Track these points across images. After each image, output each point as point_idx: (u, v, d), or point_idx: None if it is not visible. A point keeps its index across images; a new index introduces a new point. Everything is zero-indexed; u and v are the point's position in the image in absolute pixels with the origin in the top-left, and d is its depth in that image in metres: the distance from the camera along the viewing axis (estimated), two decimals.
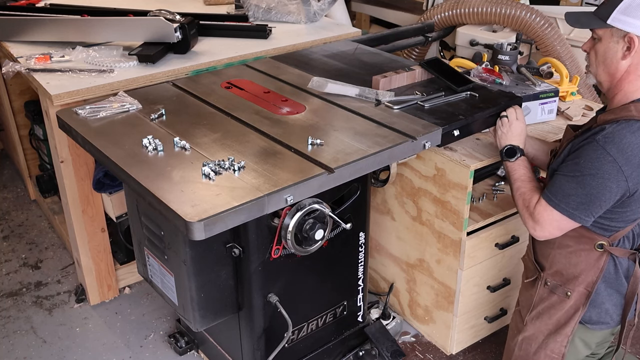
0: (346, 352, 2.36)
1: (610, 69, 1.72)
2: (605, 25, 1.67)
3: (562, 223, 1.73)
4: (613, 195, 1.66)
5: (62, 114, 2.05)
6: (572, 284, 1.83)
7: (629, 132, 1.63)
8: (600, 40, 1.71)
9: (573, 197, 1.69)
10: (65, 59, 2.50)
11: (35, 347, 2.55)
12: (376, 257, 2.67)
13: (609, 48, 1.69)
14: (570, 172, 1.69)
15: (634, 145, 1.62)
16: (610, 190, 1.65)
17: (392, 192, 2.46)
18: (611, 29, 1.67)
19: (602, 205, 1.68)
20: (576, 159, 1.69)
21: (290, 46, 2.78)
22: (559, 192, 1.71)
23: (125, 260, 2.84)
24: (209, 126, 1.96)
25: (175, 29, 2.50)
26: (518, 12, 3.03)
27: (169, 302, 2.04)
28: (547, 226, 1.75)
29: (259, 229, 1.85)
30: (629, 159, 1.62)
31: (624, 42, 1.66)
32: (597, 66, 1.75)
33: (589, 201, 1.67)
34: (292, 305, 2.01)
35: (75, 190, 2.49)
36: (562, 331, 1.87)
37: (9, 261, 3.06)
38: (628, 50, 1.66)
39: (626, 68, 1.69)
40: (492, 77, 2.38)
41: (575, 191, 1.68)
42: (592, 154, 1.65)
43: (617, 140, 1.63)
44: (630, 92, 1.71)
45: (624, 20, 1.64)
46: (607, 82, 1.75)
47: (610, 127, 1.66)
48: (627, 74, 1.70)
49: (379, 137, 1.88)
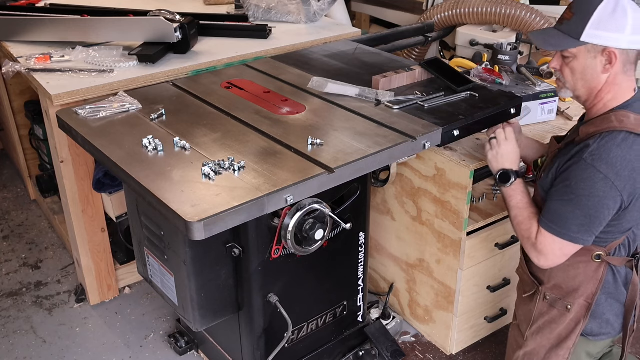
0: (346, 352, 2.36)
1: (591, 84, 1.70)
2: (579, 43, 1.65)
3: (567, 249, 1.71)
4: (611, 211, 1.64)
5: (62, 114, 2.05)
6: (572, 297, 1.81)
7: (614, 146, 1.62)
8: (576, 58, 1.68)
9: (572, 221, 1.66)
10: (65, 59, 2.50)
11: (35, 347, 2.55)
12: (376, 257, 2.67)
13: (588, 65, 1.67)
14: (565, 195, 1.67)
15: (621, 158, 1.61)
16: (607, 207, 1.63)
17: (392, 192, 2.46)
18: (586, 46, 1.65)
19: (602, 223, 1.66)
20: (567, 181, 1.66)
21: (290, 46, 2.78)
22: (558, 218, 1.68)
23: (125, 260, 2.84)
24: (209, 126, 1.96)
25: (175, 29, 2.50)
26: (518, 12, 3.03)
27: (169, 302, 2.04)
28: (552, 255, 1.72)
29: (259, 229, 1.85)
30: (619, 173, 1.60)
31: (602, 57, 1.65)
32: (576, 82, 1.72)
33: (589, 222, 1.65)
34: (292, 305, 2.01)
35: (75, 190, 2.49)
36: (564, 345, 1.84)
37: (9, 261, 3.06)
38: (609, 64, 1.65)
39: (606, 80, 1.68)
40: (492, 77, 2.38)
41: (574, 215, 1.65)
42: (582, 174, 1.63)
43: (605, 155, 1.61)
44: (608, 101, 1.70)
45: (599, 35, 1.62)
46: (585, 96, 1.74)
47: (594, 142, 1.64)
48: (606, 85, 1.69)
49: (379, 137, 1.88)
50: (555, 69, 1.76)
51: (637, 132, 1.63)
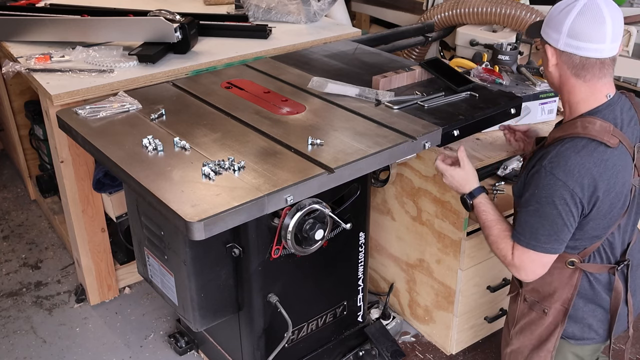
0: (346, 352, 2.36)
1: (549, 76, 1.74)
2: (539, 35, 1.71)
3: (543, 260, 1.69)
4: (575, 217, 1.63)
5: (62, 114, 2.05)
6: (548, 301, 1.81)
7: (573, 153, 1.61)
8: (543, 49, 1.73)
9: (540, 232, 1.65)
10: (65, 59, 2.51)
11: (35, 347, 2.55)
12: (376, 257, 2.67)
13: (544, 57, 1.72)
14: (530, 205, 1.66)
15: (580, 166, 1.59)
16: (571, 214, 1.62)
17: (392, 192, 2.46)
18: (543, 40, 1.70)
19: (569, 229, 1.64)
20: (531, 189, 1.66)
21: (290, 46, 2.78)
22: (527, 230, 1.67)
23: (125, 260, 2.84)
24: (209, 126, 1.96)
25: (175, 29, 2.50)
26: (518, 12, 3.03)
27: (169, 302, 2.04)
28: (530, 268, 1.71)
29: (259, 229, 1.85)
30: (577, 180, 1.59)
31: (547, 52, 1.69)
32: (544, 70, 1.77)
33: (556, 230, 1.64)
34: (292, 305, 2.01)
35: (75, 190, 2.49)
36: (544, 347, 1.84)
37: (9, 261, 3.06)
38: (553, 62, 1.68)
39: (558, 78, 1.70)
40: (492, 77, 2.38)
41: (541, 224, 1.64)
42: (543, 181, 1.62)
43: (563, 162, 1.60)
44: (574, 104, 1.70)
45: (545, 31, 1.68)
46: (554, 88, 1.78)
47: (555, 149, 1.63)
48: (561, 84, 1.71)
49: (379, 137, 1.88)
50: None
51: (599, 140, 1.61)
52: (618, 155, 1.63)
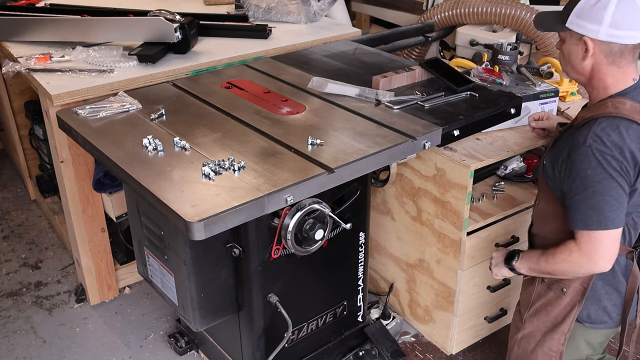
0: (346, 352, 2.36)
1: (577, 70, 1.75)
2: (564, 28, 1.70)
3: (613, 236, 1.68)
4: (627, 187, 1.66)
5: (62, 114, 2.05)
6: (567, 280, 1.82)
7: (611, 130, 1.64)
8: (564, 42, 1.74)
9: (607, 208, 1.65)
10: (65, 59, 2.50)
11: (35, 347, 2.55)
12: (376, 257, 2.67)
13: (572, 50, 1.72)
14: (588, 187, 1.65)
15: (621, 141, 1.63)
16: (626, 182, 1.65)
17: (392, 192, 2.46)
18: (570, 32, 1.70)
19: (627, 197, 1.67)
20: (581, 173, 1.66)
21: (290, 46, 2.78)
22: (592, 213, 1.66)
23: (125, 260, 2.84)
24: (209, 126, 1.96)
25: (175, 29, 2.50)
26: (518, 12, 3.03)
27: (169, 302, 2.04)
28: (604, 251, 1.68)
29: (259, 229, 1.85)
30: (623, 153, 1.63)
31: (582, 44, 1.69)
32: (565, 65, 1.78)
33: (621, 202, 1.65)
34: (292, 305, 2.01)
35: (75, 190, 2.49)
36: (558, 329, 1.86)
37: (9, 261, 3.06)
38: (586, 52, 1.69)
39: (590, 68, 1.72)
40: (492, 77, 2.38)
41: (605, 202, 1.65)
42: (593, 160, 1.64)
43: (605, 139, 1.63)
44: (602, 89, 1.73)
45: (579, 24, 1.67)
46: (579, 79, 1.78)
47: (591, 129, 1.66)
48: (593, 73, 1.73)
49: (379, 137, 1.88)
50: (557, 48, 1.81)
51: (630, 119, 1.65)
52: None
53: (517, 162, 2.44)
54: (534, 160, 2.41)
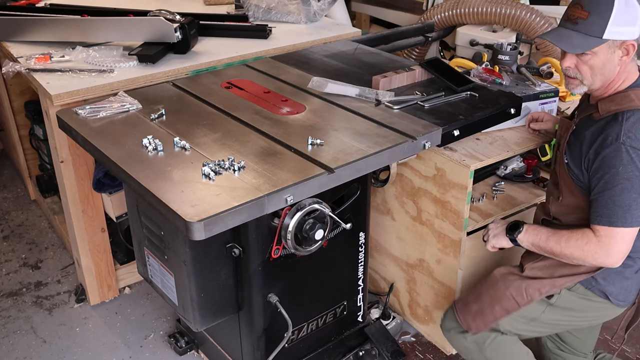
0: (346, 352, 2.36)
1: (608, 76, 1.78)
2: (602, 41, 1.71)
3: (632, 234, 1.72)
4: None
5: (62, 114, 2.05)
6: None
7: None
8: (596, 55, 1.74)
9: (634, 205, 1.68)
10: (65, 59, 2.50)
11: (35, 347, 2.55)
12: (376, 257, 2.67)
13: (608, 60, 1.74)
14: (617, 184, 1.69)
15: None
16: None
17: (392, 192, 2.46)
18: (607, 43, 1.72)
19: None
20: (613, 169, 1.69)
21: (290, 46, 2.78)
22: (618, 210, 1.69)
23: (125, 260, 2.84)
24: (209, 126, 1.96)
25: (175, 29, 2.50)
26: (518, 12, 3.03)
27: (169, 302, 2.04)
28: (621, 247, 1.72)
29: (259, 229, 1.85)
30: None
31: (619, 50, 1.73)
32: (594, 78, 1.78)
33: None
34: (292, 305, 2.01)
35: (75, 190, 2.49)
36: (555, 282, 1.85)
37: (9, 261, 3.06)
38: (626, 56, 1.73)
39: (619, 70, 1.77)
40: (492, 77, 2.38)
41: (633, 199, 1.68)
42: (626, 157, 1.67)
43: (639, 135, 1.67)
44: (620, 82, 1.78)
45: (618, 31, 1.70)
46: (599, 87, 1.81)
47: (621, 124, 1.69)
48: (618, 74, 1.78)
49: (379, 137, 1.88)
50: (570, 68, 1.81)
51: None
52: None
53: (517, 162, 2.44)
54: (534, 160, 2.41)
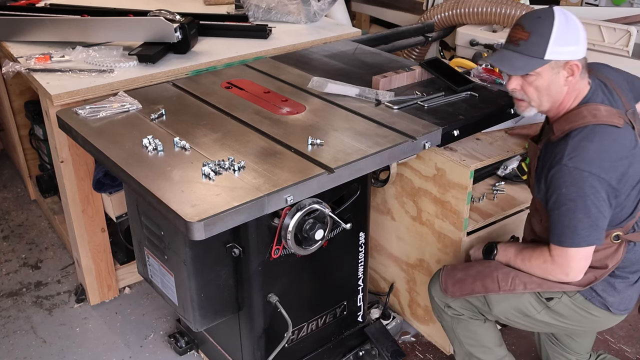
0: (346, 352, 2.36)
1: (556, 97, 1.77)
2: (544, 62, 1.71)
3: (585, 253, 1.73)
4: (608, 202, 1.69)
5: (62, 114, 2.05)
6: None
7: (587, 142, 1.67)
8: (540, 76, 1.73)
9: (579, 226, 1.68)
10: (65, 59, 2.50)
11: (35, 347, 2.55)
12: (376, 257, 2.67)
13: (552, 80, 1.74)
14: (562, 205, 1.69)
15: (598, 152, 1.66)
16: (603, 200, 1.68)
17: (392, 192, 2.46)
18: (550, 63, 1.71)
19: (605, 216, 1.70)
20: (558, 190, 1.69)
21: (290, 46, 2.78)
22: (567, 230, 1.70)
23: (125, 260, 2.84)
24: (209, 126, 1.96)
25: (175, 29, 2.50)
26: (518, 12, 3.03)
27: (169, 302, 2.04)
28: (577, 265, 1.74)
29: (259, 229, 1.85)
30: (601, 165, 1.66)
31: (564, 71, 1.72)
32: (541, 99, 1.78)
33: (594, 220, 1.68)
34: (292, 305, 2.01)
35: (75, 190, 2.49)
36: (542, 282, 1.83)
37: (9, 261, 3.06)
38: (572, 76, 1.72)
39: (567, 90, 1.76)
40: (492, 77, 2.38)
41: (579, 220, 1.68)
42: (568, 178, 1.67)
43: (582, 154, 1.66)
44: (570, 101, 1.77)
45: (561, 51, 1.69)
46: (550, 108, 1.80)
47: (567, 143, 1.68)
48: (567, 94, 1.77)
49: (379, 137, 1.88)
50: (516, 89, 1.80)
51: (609, 124, 1.69)
52: (625, 132, 1.71)
53: (517, 162, 2.44)
54: None
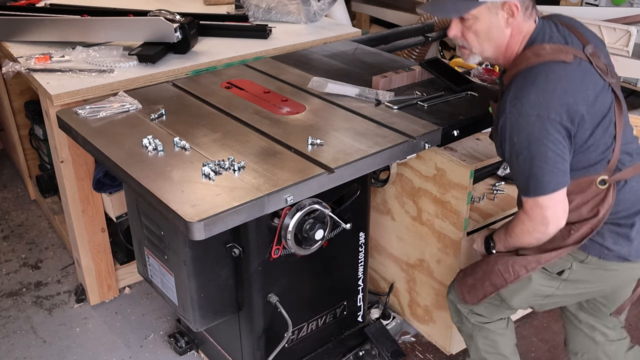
0: (346, 352, 2.36)
1: (497, 41, 1.68)
2: (478, 3, 1.62)
3: (556, 198, 1.61)
4: (565, 143, 1.58)
5: (62, 114, 2.05)
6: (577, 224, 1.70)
7: (528, 85, 1.57)
8: (478, 20, 1.65)
9: (540, 173, 1.58)
10: (65, 59, 2.51)
11: (35, 347, 2.55)
12: (376, 257, 2.67)
13: (492, 23, 1.65)
14: (517, 155, 1.60)
15: (543, 92, 1.56)
16: (559, 142, 1.57)
17: (392, 192, 2.46)
18: (486, 4, 1.62)
19: (565, 157, 1.59)
20: (509, 141, 1.60)
21: (290, 46, 2.79)
22: (528, 181, 1.61)
23: (125, 260, 2.84)
24: (209, 126, 1.96)
25: (175, 29, 2.50)
26: None
27: (169, 302, 2.04)
28: (552, 214, 1.63)
29: (259, 229, 1.85)
30: (548, 106, 1.55)
31: (503, 12, 1.63)
32: (482, 44, 1.69)
33: (554, 164, 1.58)
34: (292, 305, 2.01)
35: (75, 190, 2.49)
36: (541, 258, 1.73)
37: (9, 261, 3.06)
38: (512, 16, 1.63)
39: (510, 32, 1.66)
40: (492, 77, 2.38)
41: (538, 167, 1.58)
42: (516, 126, 1.57)
43: (525, 98, 1.56)
44: (517, 45, 1.68)
45: None
46: (495, 54, 1.71)
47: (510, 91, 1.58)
48: (512, 37, 1.67)
49: (379, 137, 1.88)
50: (456, 36, 1.72)
51: (554, 60, 1.59)
52: (576, 67, 1.60)
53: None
54: None
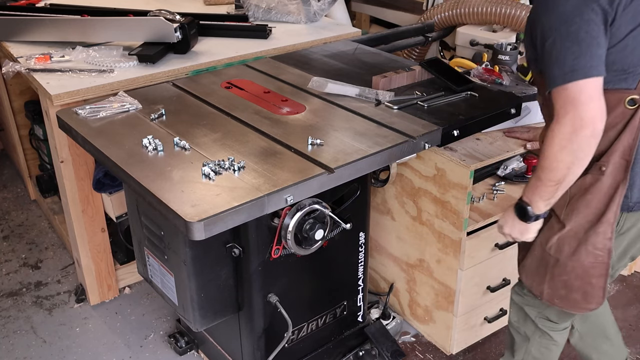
0: (346, 352, 2.36)
1: None
2: None
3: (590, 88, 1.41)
4: (600, 24, 1.42)
5: (62, 114, 2.05)
6: (605, 156, 1.54)
7: None
8: None
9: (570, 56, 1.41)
10: (65, 59, 2.51)
11: (35, 347, 2.55)
12: (376, 257, 2.67)
13: None
14: (546, 40, 1.45)
15: None
16: (593, 22, 1.41)
17: (392, 192, 2.46)
18: None
19: (600, 42, 1.42)
20: (538, 26, 1.47)
21: (290, 46, 2.78)
22: (555, 67, 1.43)
23: (125, 260, 2.84)
24: (209, 126, 1.96)
25: (175, 29, 2.50)
26: (518, 12, 3.03)
27: (169, 302, 2.04)
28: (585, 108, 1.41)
29: (259, 229, 1.85)
30: None
31: None
32: None
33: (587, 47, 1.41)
34: (292, 305, 2.01)
35: (75, 190, 2.49)
36: (603, 219, 1.57)
37: (9, 261, 3.06)
38: None
39: None
40: (492, 77, 2.38)
41: (567, 49, 1.41)
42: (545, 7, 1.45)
43: None
44: None
45: None
46: None
47: None
48: None
49: (379, 137, 1.88)
50: None
51: None
52: None
53: (517, 162, 2.44)
54: (533, 160, 2.41)
